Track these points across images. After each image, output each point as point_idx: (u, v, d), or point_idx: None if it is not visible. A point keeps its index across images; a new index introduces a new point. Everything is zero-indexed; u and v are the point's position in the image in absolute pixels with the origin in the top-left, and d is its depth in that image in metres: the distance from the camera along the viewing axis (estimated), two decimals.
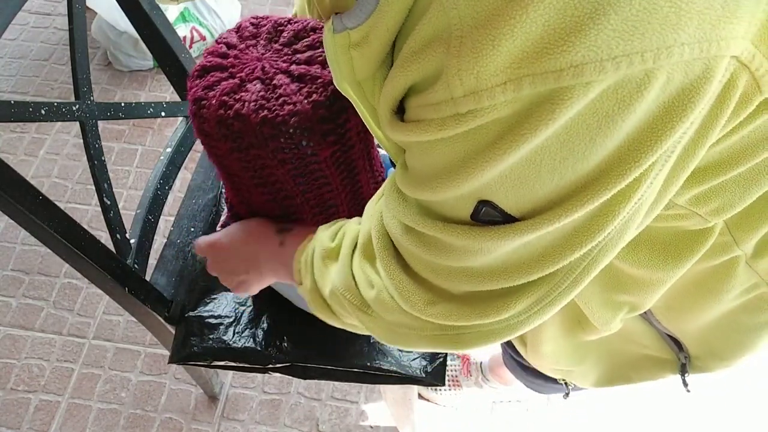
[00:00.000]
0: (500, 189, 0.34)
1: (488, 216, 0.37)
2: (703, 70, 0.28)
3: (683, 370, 0.62)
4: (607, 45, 0.27)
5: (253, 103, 0.54)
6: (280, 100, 0.55)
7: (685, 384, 0.63)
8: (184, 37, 1.77)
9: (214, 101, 0.55)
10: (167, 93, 1.78)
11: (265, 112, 0.54)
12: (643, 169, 0.32)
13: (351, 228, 0.53)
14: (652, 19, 0.26)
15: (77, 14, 0.78)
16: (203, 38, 1.81)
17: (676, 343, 0.61)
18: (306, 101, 0.55)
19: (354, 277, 0.50)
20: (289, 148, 0.56)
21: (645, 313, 0.59)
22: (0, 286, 1.46)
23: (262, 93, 0.55)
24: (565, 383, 0.75)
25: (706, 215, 0.43)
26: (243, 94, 0.56)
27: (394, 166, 0.79)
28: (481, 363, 1.28)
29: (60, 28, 1.95)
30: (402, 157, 0.42)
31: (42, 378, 1.33)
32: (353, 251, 0.51)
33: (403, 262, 0.46)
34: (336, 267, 0.52)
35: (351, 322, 0.54)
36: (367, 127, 0.47)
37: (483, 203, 0.36)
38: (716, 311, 0.54)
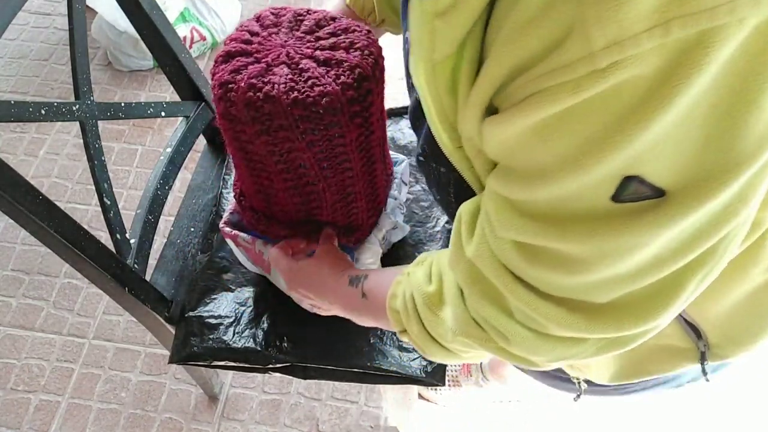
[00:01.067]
0: (650, 157, 0.31)
1: (634, 194, 0.33)
2: None
3: (702, 359, 0.62)
4: None
5: (282, 85, 0.55)
6: (309, 82, 0.56)
7: (705, 372, 0.63)
8: (184, 37, 1.77)
9: (242, 84, 0.56)
10: (167, 93, 1.78)
11: (296, 93, 0.55)
12: None
13: (445, 265, 0.50)
14: None
15: (77, 14, 0.78)
16: (203, 38, 1.81)
17: (695, 332, 0.61)
18: (335, 83, 0.56)
19: (480, 326, 0.46)
20: (318, 130, 0.57)
21: None
22: (0, 286, 1.46)
23: (290, 76, 0.56)
24: (579, 383, 0.75)
25: None
26: (271, 77, 0.56)
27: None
28: (481, 363, 1.28)
29: (60, 28, 1.95)
30: (494, 169, 0.38)
31: (42, 378, 1.33)
32: (462, 297, 0.47)
33: (539, 290, 0.41)
34: (449, 314, 0.48)
35: (471, 356, 0.51)
36: (432, 128, 0.43)
37: (629, 179, 0.32)
38: (742, 291, 0.54)
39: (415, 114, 0.51)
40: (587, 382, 0.73)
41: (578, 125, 0.31)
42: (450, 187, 0.52)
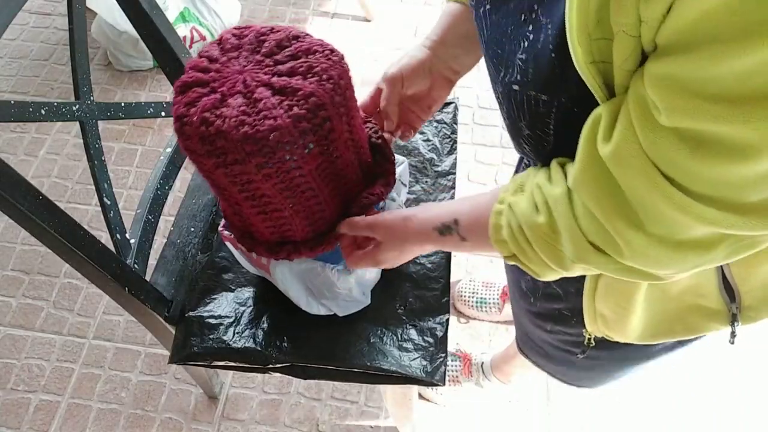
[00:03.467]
0: None
1: None
2: None
3: (733, 320, 0.61)
4: None
5: (233, 119, 0.54)
6: (261, 114, 0.54)
7: (734, 334, 0.62)
8: (184, 37, 1.77)
9: (195, 118, 0.55)
10: (167, 93, 1.78)
11: (246, 128, 0.54)
12: None
13: (551, 197, 0.50)
14: None
15: (77, 14, 0.78)
16: (203, 38, 1.81)
17: (730, 295, 0.60)
18: (286, 115, 0.54)
19: (601, 250, 0.47)
20: (272, 163, 0.56)
21: None
22: (0, 286, 1.46)
23: (243, 108, 0.55)
24: (589, 341, 0.74)
25: None
26: (224, 109, 0.55)
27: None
28: (481, 363, 1.28)
29: (60, 28, 1.95)
30: (656, 57, 0.37)
31: (42, 378, 1.33)
32: (578, 225, 0.47)
33: (689, 191, 0.40)
34: (566, 244, 0.49)
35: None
36: (570, 44, 0.41)
37: None
38: None
39: (514, 34, 0.49)
40: (598, 340, 0.72)
41: None
42: (550, 117, 0.50)
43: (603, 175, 0.44)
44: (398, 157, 0.80)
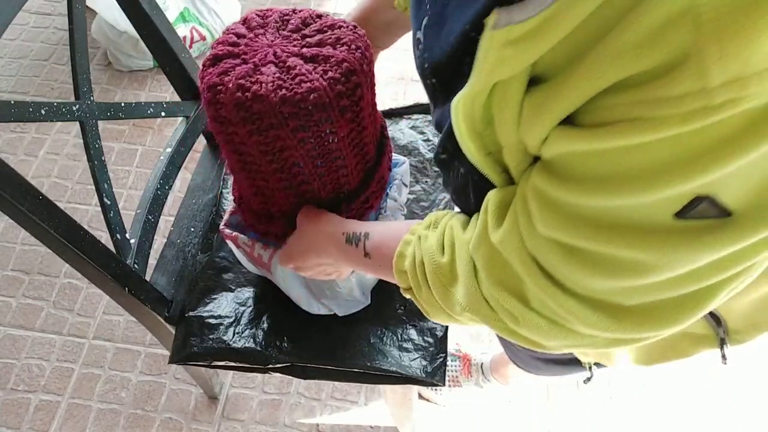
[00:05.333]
0: (729, 182, 0.29)
1: (700, 213, 0.31)
2: None
3: (722, 344, 0.61)
4: None
5: (270, 84, 0.55)
6: (297, 79, 0.55)
7: (724, 357, 0.63)
8: (184, 37, 1.77)
9: (231, 85, 0.56)
10: (167, 93, 1.78)
11: (284, 91, 0.55)
12: None
13: (461, 241, 0.48)
14: None
15: (77, 14, 0.78)
16: (203, 38, 1.81)
17: (716, 320, 0.61)
18: (322, 78, 0.55)
19: (490, 306, 0.45)
20: (308, 126, 0.57)
21: None
22: (0, 286, 1.46)
23: (278, 74, 0.56)
24: (590, 367, 0.74)
25: None
26: (259, 76, 0.56)
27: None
28: (481, 364, 1.28)
29: (60, 28, 1.95)
30: (541, 168, 0.37)
31: (42, 378, 1.33)
32: (476, 275, 0.46)
33: (566, 287, 0.40)
34: (461, 290, 0.48)
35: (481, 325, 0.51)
36: (459, 139, 0.42)
37: (700, 199, 0.30)
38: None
39: (441, 113, 0.50)
40: (597, 365, 0.73)
41: (671, 148, 0.29)
42: (469, 188, 0.51)
43: (495, 252, 0.44)
44: (399, 157, 0.80)
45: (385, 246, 0.57)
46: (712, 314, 0.60)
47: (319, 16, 0.62)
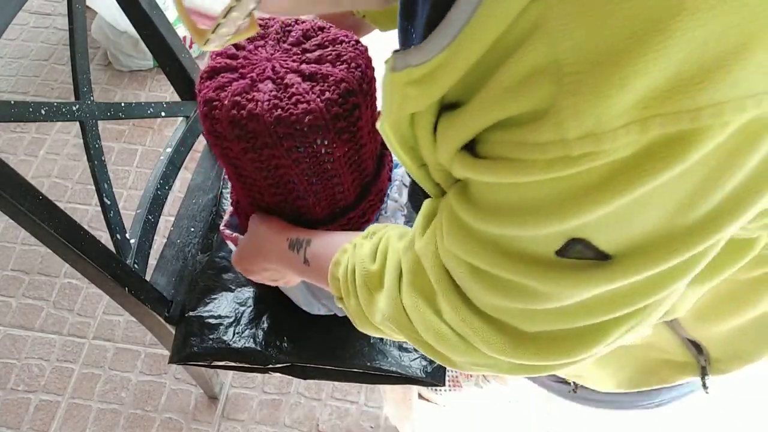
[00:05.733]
0: (599, 227, 0.31)
1: (578, 254, 0.33)
2: None
3: (703, 373, 0.62)
4: (749, 82, 0.24)
5: (266, 103, 0.54)
6: (293, 98, 0.55)
7: (705, 386, 0.63)
8: (184, 37, 1.77)
9: (226, 101, 0.55)
10: (167, 93, 1.78)
11: (279, 111, 0.54)
12: (757, 207, 0.30)
13: (393, 250, 0.50)
14: None
15: (77, 14, 0.78)
16: None
17: (697, 348, 0.61)
18: (319, 99, 0.54)
19: (407, 315, 0.46)
20: (303, 147, 0.56)
21: (671, 321, 0.59)
22: (0, 286, 1.46)
23: (274, 92, 0.55)
24: (575, 387, 0.75)
25: (754, 229, 0.41)
26: (255, 93, 0.55)
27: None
28: None
29: (60, 28, 1.95)
30: (458, 188, 0.38)
31: (42, 378, 1.33)
32: (399, 282, 0.48)
33: (472, 303, 0.42)
34: (383, 297, 0.49)
35: (401, 338, 0.51)
36: (395, 156, 0.44)
37: (575, 241, 0.32)
38: (747, 318, 0.54)
39: None
40: (583, 387, 0.74)
41: (541, 188, 0.31)
42: (420, 195, 0.52)
43: (417, 259, 0.45)
44: None
45: (324, 254, 0.57)
46: (692, 342, 0.60)
47: (321, 29, 0.61)
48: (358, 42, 0.60)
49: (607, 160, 0.27)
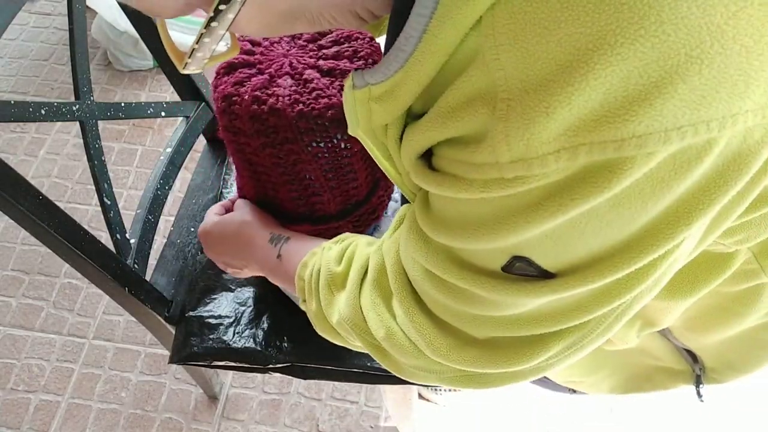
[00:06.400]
0: (539, 247, 0.33)
1: (522, 270, 0.35)
2: (762, 135, 0.27)
3: (698, 381, 0.62)
4: (672, 115, 0.25)
5: (287, 98, 0.54)
6: (314, 93, 0.55)
7: (699, 395, 0.63)
8: None
9: (246, 96, 0.55)
10: (167, 93, 1.78)
11: (301, 106, 0.54)
12: (692, 230, 0.31)
13: (359, 252, 0.51)
14: (720, 87, 0.25)
15: (77, 14, 0.78)
16: None
17: (692, 356, 0.61)
18: (340, 94, 0.55)
19: (362, 313, 0.47)
20: (324, 142, 0.57)
21: (662, 330, 0.59)
22: (0, 286, 1.46)
23: (294, 87, 0.55)
24: (572, 390, 0.75)
25: (730, 244, 0.42)
26: (275, 89, 0.55)
27: None
28: None
29: (60, 28, 1.95)
30: (421, 194, 0.40)
31: (42, 378, 1.33)
32: (362, 282, 0.49)
33: (423, 303, 0.43)
34: (343, 297, 0.50)
35: (359, 346, 0.53)
36: (376, 160, 0.45)
37: (517, 258, 0.34)
38: (737, 330, 0.54)
39: None
40: (573, 390, 0.74)
41: (480, 205, 0.32)
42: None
43: (382, 258, 0.47)
44: None
45: (296, 254, 0.58)
46: (687, 351, 0.61)
47: None
48: (372, 39, 0.61)
49: (540, 184, 0.29)
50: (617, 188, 0.28)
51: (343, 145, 0.58)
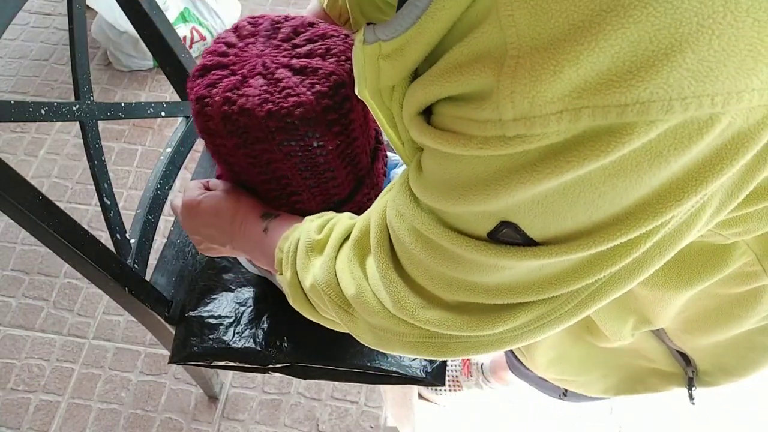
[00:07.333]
0: (528, 213, 0.33)
1: (508, 237, 0.35)
2: (763, 117, 0.27)
3: (690, 384, 0.62)
4: (678, 84, 0.25)
5: (257, 98, 0.54)
6: (284, 92, 0.55)
7: (691, 397, 0.63)
8: (184, 37, 1.77)
9: (217, 98, 0.55)
10: (167, 93, 1.78)
11: (270, 105, 0.54)
12: (682, 209, 0.31)
13: (342, 222, 0.52)
14: (728, 61, 0.24)
15: (77, 14, 0.78)
16: (203, 38, 1.81)
17: (685, 359, 0.61)
18: (309, 92, 0.55)
19: (336, 274, 0.48)
20: (295, 140, 0.57)
21: (657, 331, 0.59)
22: (0, 286, 1.46)
23: (265, 87, 0.55)
24: (564, 392, 0.75)
25: (728, 236, 0.42)
26: (246, 89, 0.55)
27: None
28: (482, 364, 1.28)
29: (60, 28, 1.95)
30: (416, 157, 0.40)
31: (42, 378, 1.33)
32: (341, 245, 0.50)
33: (398, 261, 0.44)
34: (320, 260, 0.50)
35: (330, 318, 0.52)
36: (380, 127, 0.45)
37: (505, 224, 0.34)
38: (735, 333, 0.54)
39: None
40: (571, 393, 0.74)
41: (474, 165, 0.32)
42: None
43: (368, 222, 0.47)
44: (398, 158, 0.80)
45: (281, 227, 0.58)
46: (680, 353, 0.60)
47: (311, 24, 0.61)
48: (347, 36, 0.61)
49: (539, 145, 0.28)
50: (615, 155, 0.27)
51: (315, 144, 0.58)
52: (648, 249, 0.34)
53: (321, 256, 0.50)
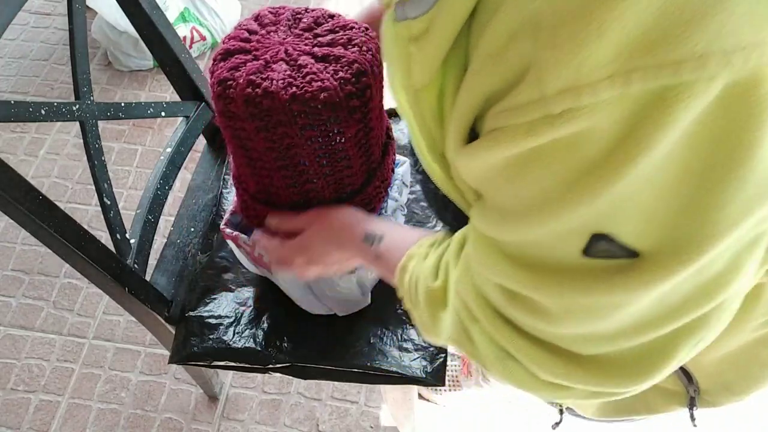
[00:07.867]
0: (618, 217, 0.29)
1: (605, 253, 0.30)
2: None
3: (692, 404, 0.60)
4: (735, 32, 0.22)
5: (281, 81, 0.55)
6: (308, 77, 0.56)
7: (693, 418, 0.61)
8: (184, 37, 1.77)
9: (241, 80, 0.56)
10: (167, 93, 1.78)
11: (294, 89, 0.55)
12: None
13: (452, 261, 0.47)
14: None
15: (77, 14, 0.78)
16: (203, 38, 1.81)
17: (687, 376, 0.60)
18: (333, 78, 0.56)
19: (473, 341, 0.44)
20: (317, 125, 0.57)
21: None
22: (0, 286, 1.46)
23: (288, 72, 0.56)
24: (561, 411, 0.75)
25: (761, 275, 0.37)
26: (270, 73, 0.56)
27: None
28: None
29: (60, 28, 1.95)
30: (475, 204, 0.37)
31: (42, 378, 1.33)
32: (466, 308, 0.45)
33: (522, 331, 0.39)
34: (448, 319, 0.46)
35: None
36: (419, 156, 0.41)
37: (599, 237, 0.30)
38: (735, 342, 0.53)
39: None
40: (569, 410, 0.73)
41: (538, 172, 0.29)
42: (448, 205, 0.51)
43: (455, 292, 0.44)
44: (400, 158, 0.80)
45: (393, 254, 0.57)
46: (683, 370, 0.59)
47: (332, 16, 0.63)
48: (368, 29, 0.62)
49: (593, 124, 0.26)
50: (680, 122, 0.24)
51: (336, 130, 0.59)
52: None
53: (446, 311, 0.46)
